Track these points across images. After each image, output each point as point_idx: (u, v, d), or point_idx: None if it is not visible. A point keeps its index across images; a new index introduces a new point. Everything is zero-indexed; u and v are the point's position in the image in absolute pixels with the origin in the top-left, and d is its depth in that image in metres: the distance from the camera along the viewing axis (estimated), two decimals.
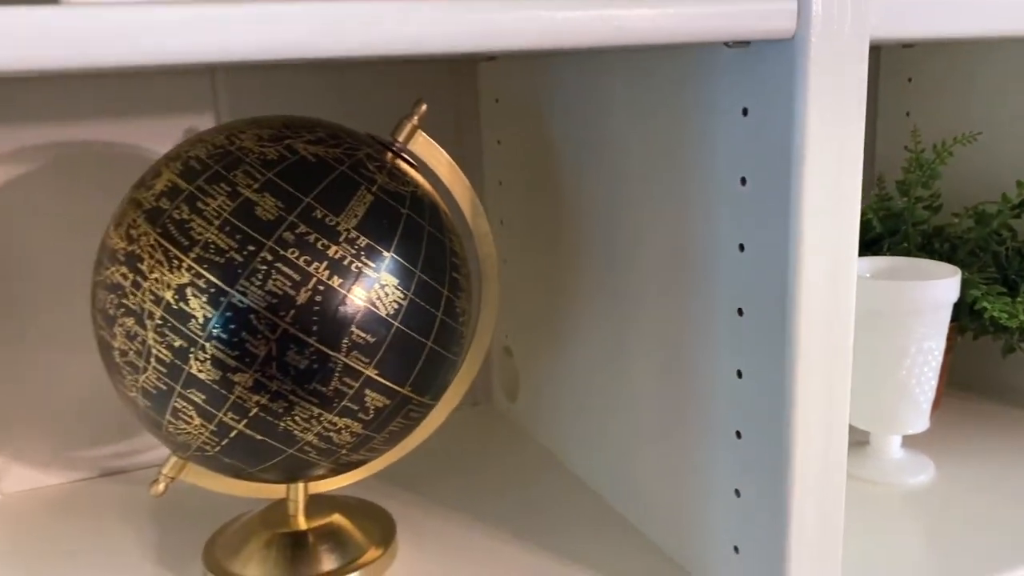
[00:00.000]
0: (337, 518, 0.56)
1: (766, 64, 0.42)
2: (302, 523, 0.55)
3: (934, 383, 0.63)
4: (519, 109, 0.68)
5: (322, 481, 0.57)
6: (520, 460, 0.70)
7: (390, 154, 0.51)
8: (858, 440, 0.68)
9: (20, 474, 0.68)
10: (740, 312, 0.46)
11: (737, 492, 0.48)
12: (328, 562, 0.54)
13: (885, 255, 0.72)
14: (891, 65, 0.87)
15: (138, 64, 0.31)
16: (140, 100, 0.66)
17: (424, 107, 0.53)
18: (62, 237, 0.66)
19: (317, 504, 0.57)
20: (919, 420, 0.64)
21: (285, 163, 0.45)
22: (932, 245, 0.75)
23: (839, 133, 0.41)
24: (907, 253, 0.74)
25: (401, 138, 0.52)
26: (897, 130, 0.87)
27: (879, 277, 0.66)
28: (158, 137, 0.66)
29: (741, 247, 0.45)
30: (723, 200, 0.46)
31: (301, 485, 0.55)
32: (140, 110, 0.66)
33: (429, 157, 0.54)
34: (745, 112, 0.44)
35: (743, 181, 0.44)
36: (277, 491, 0.57)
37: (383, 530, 0.58)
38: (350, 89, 0.72)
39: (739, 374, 0.47)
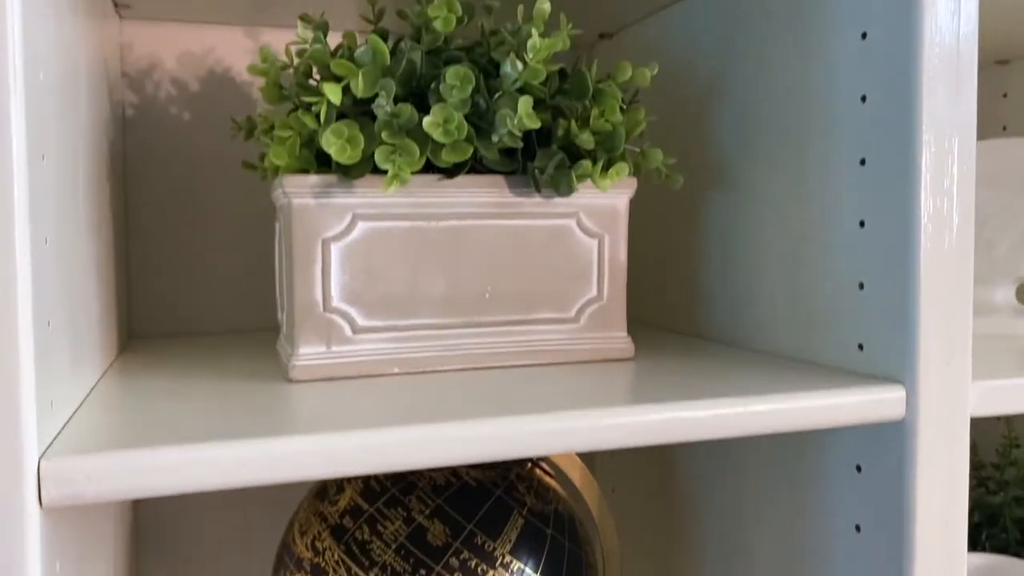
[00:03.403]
0: None
1: (877, 436, 0.48)
2: None
3: None
4: None
5: None
6: None
7: (530, 464, 0.58)
8: None
9: None
10: None
11: None
12: None
13: (984, 549, 0.74)
14: None
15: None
16: None
17: None
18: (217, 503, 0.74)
19: None
20: None
21: (451, 489, 0.52)
22: None
23: (946, 482, 0.47)
24: (1005, 545, 0.76)
25: None
26: None
27: None
28: None
29: (857, 528, 0.50)
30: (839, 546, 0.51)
31: None
32: None
33: (565, 465, 0.61)
34: (859, 468, 0.49)
35: (857, 528, 0.50)
36: None
37: None
38: None
39: None
